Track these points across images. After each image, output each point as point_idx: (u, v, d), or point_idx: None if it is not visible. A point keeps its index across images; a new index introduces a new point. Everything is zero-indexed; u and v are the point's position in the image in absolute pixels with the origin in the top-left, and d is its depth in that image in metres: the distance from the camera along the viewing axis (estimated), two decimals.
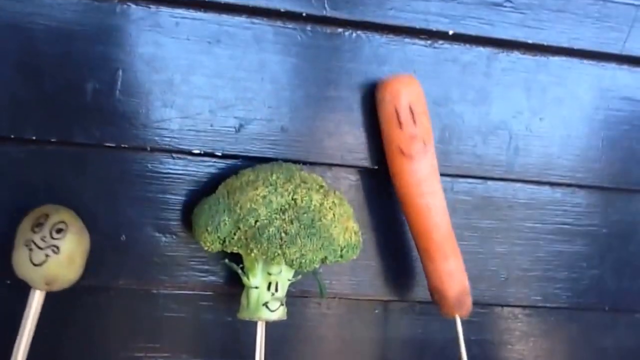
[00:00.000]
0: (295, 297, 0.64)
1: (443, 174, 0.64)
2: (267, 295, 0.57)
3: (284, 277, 0.58)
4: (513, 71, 0.67)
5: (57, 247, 0.53)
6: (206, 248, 0.57)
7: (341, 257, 0.58)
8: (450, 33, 0.65)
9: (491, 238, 0.68)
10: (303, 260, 0.55)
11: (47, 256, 0.52)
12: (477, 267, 0.67)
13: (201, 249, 0.59)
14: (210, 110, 0.61)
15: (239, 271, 0.58)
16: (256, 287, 0.57)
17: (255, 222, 0.55)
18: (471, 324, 0.68)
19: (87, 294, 0.60)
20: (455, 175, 0.66)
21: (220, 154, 0.61)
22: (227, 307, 0.63)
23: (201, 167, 0.61)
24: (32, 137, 0.58)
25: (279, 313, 0.58)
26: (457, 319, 0.61)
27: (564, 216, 0.70)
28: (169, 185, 0.61)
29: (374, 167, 0.64)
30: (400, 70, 0.64)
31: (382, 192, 0.65)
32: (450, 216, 0.62)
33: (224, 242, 0.57)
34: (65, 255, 0.53)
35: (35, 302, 0.54)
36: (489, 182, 0.67)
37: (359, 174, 0.65)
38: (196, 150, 0.61)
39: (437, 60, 0.65)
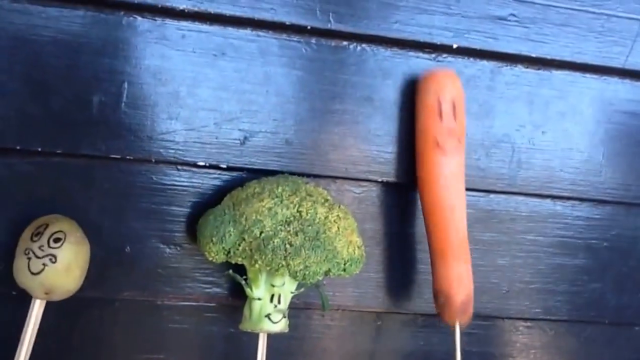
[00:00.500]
0: (299, 309, 0.64)
1: None
2: (270, 307, 0.57)
3: (287, 289, 0.58)
4: (516, 85, 0.67)
5: (55, 256, 0.53)
6: (210, 259, 0.58)
7: (344, 270, 0.58)
8: (454, 47, 0.65)
9: (493, 251, 0.68)
10: (307, 272, 0.55)
11: (44, 265, 0.52)
12: (478, 280, 0.67)
13: (205, 260, 0.59)
14: (215, 122, 0.61)
15: (243, 282, 0.58)
16: (259, 299, 0.57)
17: (260, 233, 0.56)
18: (472, 335, 0.69)
19: (92, 305, 0.60)
20: None
21: (225, 166, 0.61)
22: (231, 318, 0.63)
23: (206, 180, 0.62)
24: (38, 149, 0.58)
25: (281, 325, 0.58)
26: (457, 326, 0.61)
27: (565, 229, 0.70)
28: (173, 197, 0.61)
29: (378, 180, 0.64)
30: (404, 83, 0.64)
31: (385, 205, 0.66)
32: None
33: (229, 252, 0.57)
34: (62, 264, 0.53)
35: (35, 311, 0.54)
36: (492, 195, 0.68)
37: (363, 187, 0.65)
38: (201, 163, 0.61)
39: None
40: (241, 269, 0.59)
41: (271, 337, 0.59)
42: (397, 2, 0.64)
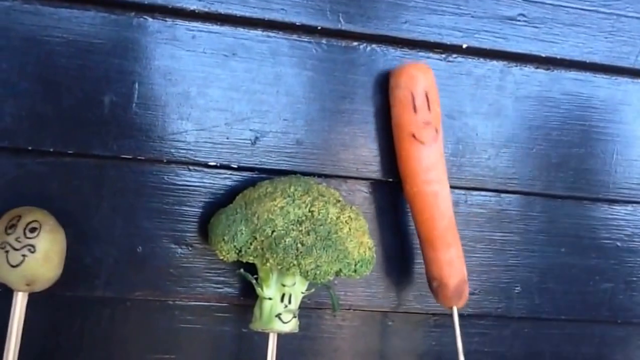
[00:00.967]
0: (311, 308, 0.64)
1: (457, 187, 0.65)
2: (280, 306, 0.57)
3: (297, 289, 0.58)
4: (526, 85, 0.67)
5: (33, 246, 0.52)
6: (222, 257, 0.58)
7: (355, 271, 0.58)
8: (464, 47, 0.65)
9: (504, 250, 0.68)
10: (318, 272, 0.55)
11: (23, 256, 0.52)
12: (490, 280, 0.68)
13: (217, 260, 0.59)
14: (226, 122, 0.61)
15: (253, 281, 0.58)
16: (269, 299, 0.57)
17: (272, 232, 0.56)
18: (484, 335, 0.68)
19: (104, 305, 0.60)
20: (469, 188, 0.67)
21: (236, 166, 0.62)
22: (242, 318, 0.63)
23: (217, 180, 0.62)
24: (49, 149, 0.58)
25: (291, 325, 0.58)
26: (455, 310, 0.61)
27: (576, 229, 0.70)
28: (185, 197, 0.61)
29: (388, 179, 0.64)
30: None
31: (396, 204, 0.66)
32: (464, 228, 0.62)
33: (240, 251, 0.57)
34: (41, 253, 0.52)
35: (19, 304, 0.53)
36: (502, 195, 0.68)
37: (374, 186, 0.65)
38: (212, 163, 0.61)
39: (451, 73, 0.65)
40: (252, 269, 0.59)
41: (283, 337, 0.58)
42: (407, 2, 0.64)
